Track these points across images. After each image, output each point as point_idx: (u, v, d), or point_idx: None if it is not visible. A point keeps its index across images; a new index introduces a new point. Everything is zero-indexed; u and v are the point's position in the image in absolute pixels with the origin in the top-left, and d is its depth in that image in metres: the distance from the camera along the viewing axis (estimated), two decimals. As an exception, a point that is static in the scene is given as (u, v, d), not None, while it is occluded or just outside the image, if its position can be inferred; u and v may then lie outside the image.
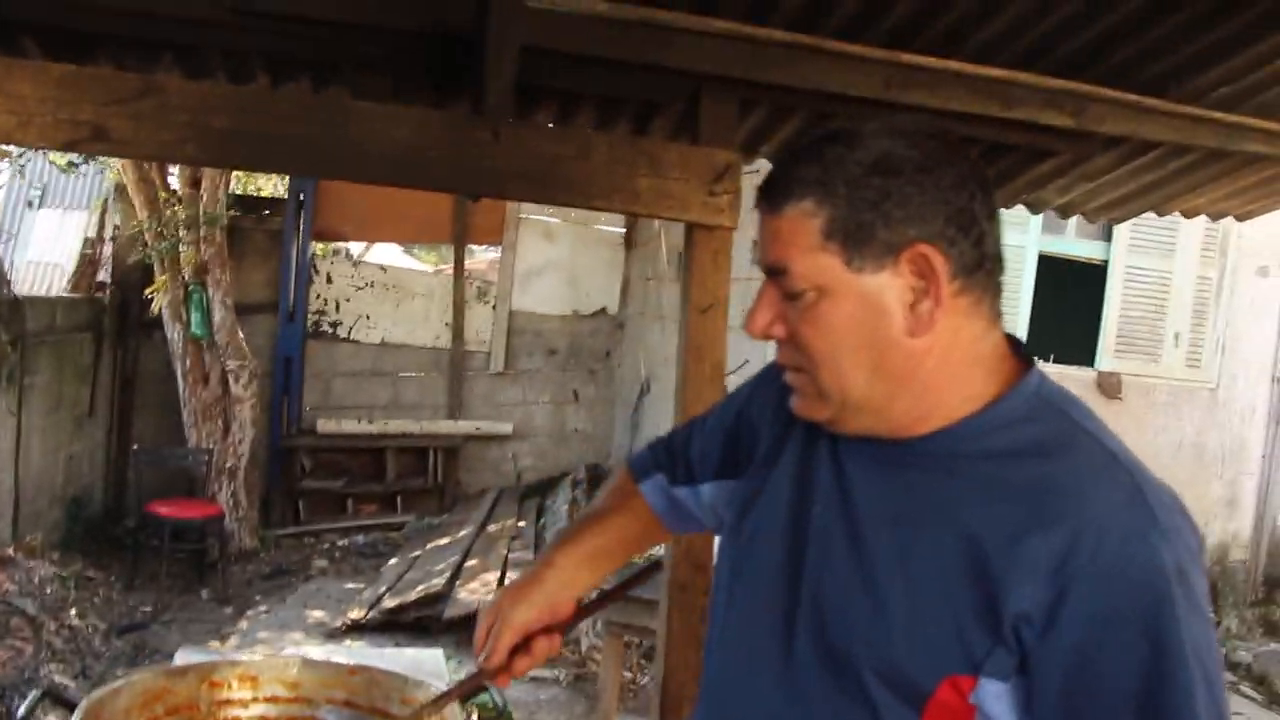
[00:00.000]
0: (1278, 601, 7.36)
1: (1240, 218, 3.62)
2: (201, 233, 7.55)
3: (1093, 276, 6.82)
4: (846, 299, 1.11)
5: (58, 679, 4.99)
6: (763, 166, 2.77)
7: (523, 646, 1.41)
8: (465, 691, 1.60)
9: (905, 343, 1.11)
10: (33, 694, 1.42)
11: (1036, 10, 2.29)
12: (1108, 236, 6.61)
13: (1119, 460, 1.09)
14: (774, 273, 1.14)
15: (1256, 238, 7.02)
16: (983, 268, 1.13)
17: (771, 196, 1.14)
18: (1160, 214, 3.50)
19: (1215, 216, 3.58)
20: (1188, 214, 3.55)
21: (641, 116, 2.75)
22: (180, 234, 7.49)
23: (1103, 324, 6.83)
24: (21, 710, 1.41)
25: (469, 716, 1.63)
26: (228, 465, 7.78)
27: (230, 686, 1.79)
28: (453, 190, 2.25)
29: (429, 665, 2.88)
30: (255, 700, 1.80)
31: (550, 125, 2.66)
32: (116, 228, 8.21)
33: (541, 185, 2.18)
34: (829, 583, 1.16)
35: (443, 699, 1.59)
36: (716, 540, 2.26)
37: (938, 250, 1.09)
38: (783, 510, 1.24)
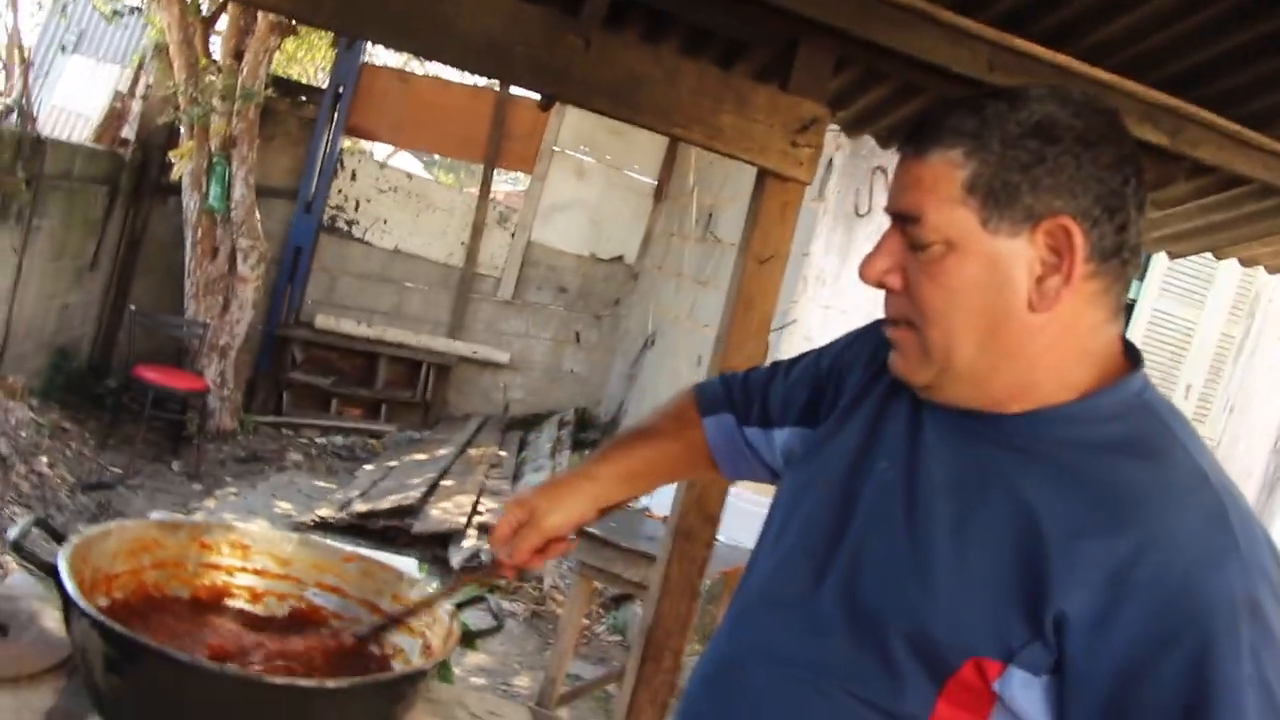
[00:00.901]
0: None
1: (1295, 277, 3.56)
2: (236, 106, 7.43)
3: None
4: (974, 259, 1.07)
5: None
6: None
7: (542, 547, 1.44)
8: (478, 582, 1.65)
9: (1023, 316, 1.07)
10: (25, 519, 1.36)
11: (1155, 21, 2.20)
12: (1142, 277, 6.54)
13: (1210, 480, 1.03)
14: (904, 219, 1.11)
15: (1286, 305, 6.98)
16: (1119, 256, 1.09)
17: (919, 140, 1.10)
18: (1219, 257, 3.43)
19: (1272, 270, 3.51)
20: (1245, 262, 3.48)
21: (727, 55, 2.66)
22: (214, 104, 7.36)
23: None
24: (14, 534, 1.34)
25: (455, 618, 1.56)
26: (221, 342, 7.70)
27: (221, 551, 1.74)
28: (535, 89, 2.17)
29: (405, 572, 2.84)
30: (243, 570, 1.75)
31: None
32: (149, 86, 8.05)
33: (625, 103, 2.09)
34: (876, 538, 1.15)
35: (456, 587, 1.59)
36: (731, 491, 2.20)
37: (1080, 227, 1.05)
38: (847, 459, 1.23)
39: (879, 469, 1.19)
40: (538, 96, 2.69)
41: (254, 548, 1.75)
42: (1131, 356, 1.14)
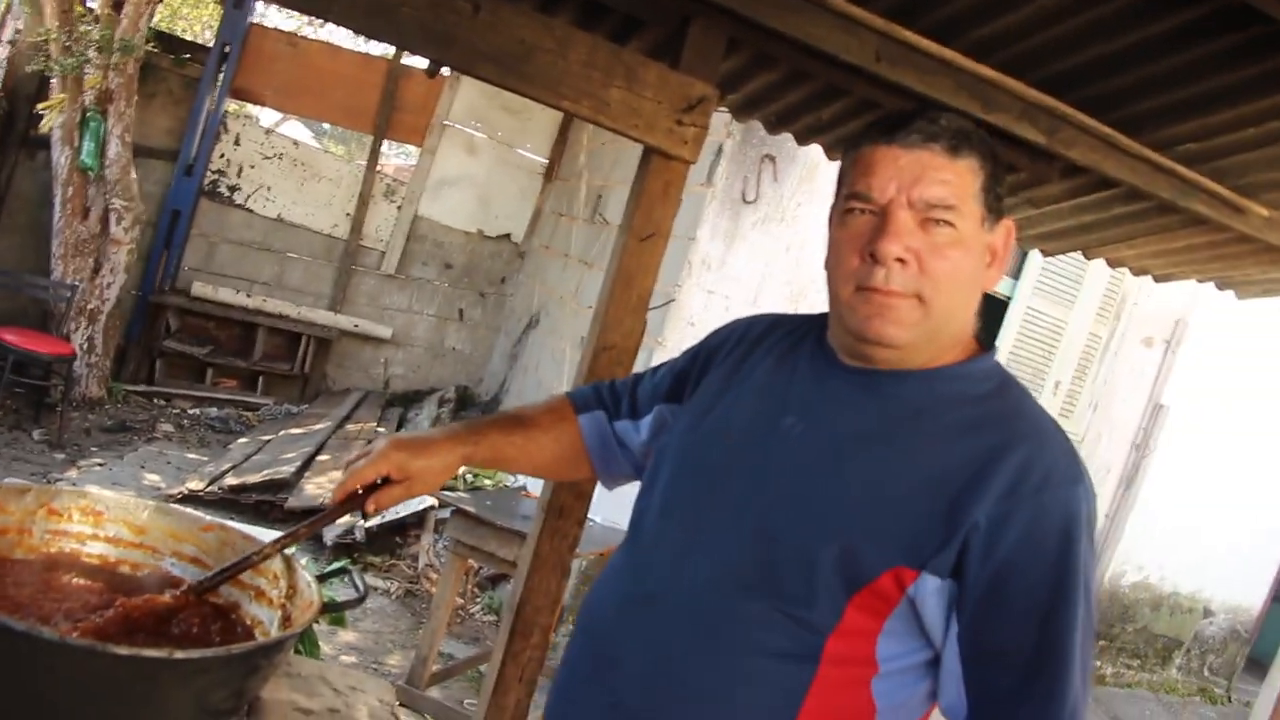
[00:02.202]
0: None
1: (1159, 279, 3.68)
2: (113, 59, 7.11)
3: (996, 309, 6.94)
4: (974, 244, 1.36)
5: None
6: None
7: (377, 490, 1.53)
8: (316, 526, 1.61)
9: (978, 292, 1.40)
10: None
11: (1037, 22, 2.24)
12: (1017, 274, 6.73)
13: (1058, 427, 1.36)
14: (933, 207, 1.32)
15: (1149, 307, 7.25)
16: None
17: (953, 142, 1.33)
18: (1088, 257, 3.53)
19: (1137, 272, 3.62)
20: (1112, 263, 3.59)
21: (621, 31, 2.64)
22: (89, 55, 7.05)
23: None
24: None
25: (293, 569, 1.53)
26: (90, 307, 7.41)
27: (70, 518, 1.67)
28: (420, 53, 2.11)
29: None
30: (95, 538, 1.68)
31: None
32: (18, 31, 7.66)
33: (512, 72, 2.05)
34: (794, 480, 1.35)
35: (295, 533, 1.58)
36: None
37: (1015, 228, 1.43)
38: (747, 418, 1.46)
39: (785, 424, 1.41)
40: (427, 64, 2.63)
41: (107, 515, 1.67)
42: (979, 337, 1.46)
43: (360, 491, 1.53)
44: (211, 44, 8.78)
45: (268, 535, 2.24)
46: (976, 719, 1.28)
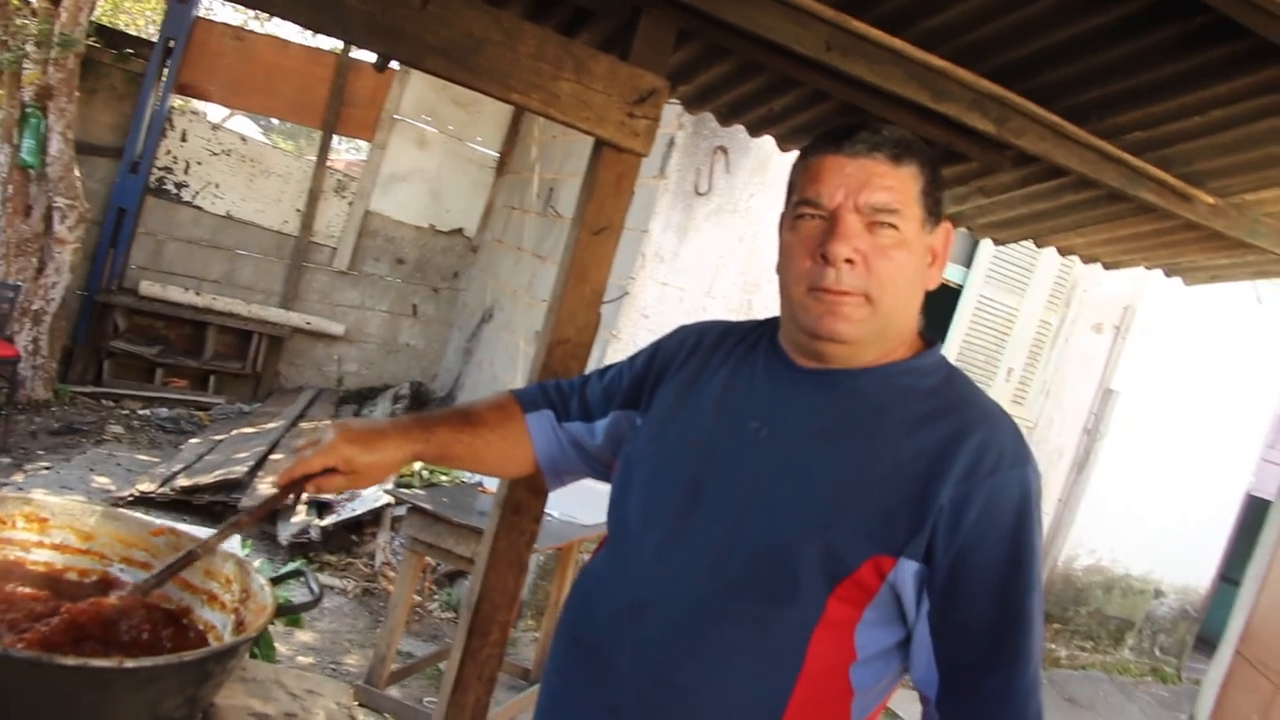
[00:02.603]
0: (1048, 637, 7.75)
1: (1108, 266, 3.72)
2: (53, 54, 6.98)
3: (948, 298, 6.99)
4: (917, 245, 1.45)
5: None
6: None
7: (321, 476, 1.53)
8: (258, 514, 1.59)
9: (921, 290, 1.50)
10: None
11: (986, 12, 2.25)
12: (969, 263, 6.78)
13: (1005, 412, 1.46)
14: (878, 211, 1.41)
15: (1098, 294, 7.34)
16: None
17: (895, 151, 1.43)
18: (1039, 245, 3.56)
19: (1087, 260, 3.66)
20: (1063, 251, 3.62)
21: (571, 23, 2.62)
22: (27, 49, 6.91)
23: (947, 345, 7.02)
24: None
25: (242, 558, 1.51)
26: (34, 307, 7.27)
27: (14, 525, 1.63)
28: (368, 46, 2.07)
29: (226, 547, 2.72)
30: (40, 545, 1.64)
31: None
32: (-47, 27, 7.50)
33: (461, 65, 2.02)
34: (767, 482, 1.42)
35: (237, 522, 1.58)
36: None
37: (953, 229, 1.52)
38: (713, 425, 1.52)
39: (750, 429, 1.48)
40: (375, 58, 2.60)
41: (52, 521, 1.64)
42: (923, 332, 1.55)
43: (305, 479, 1.53)
44: (155, 38, 8.63)
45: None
46: (947, 688, 1.37)
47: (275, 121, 16.42)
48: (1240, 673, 5.71)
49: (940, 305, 7.30)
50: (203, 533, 1.91)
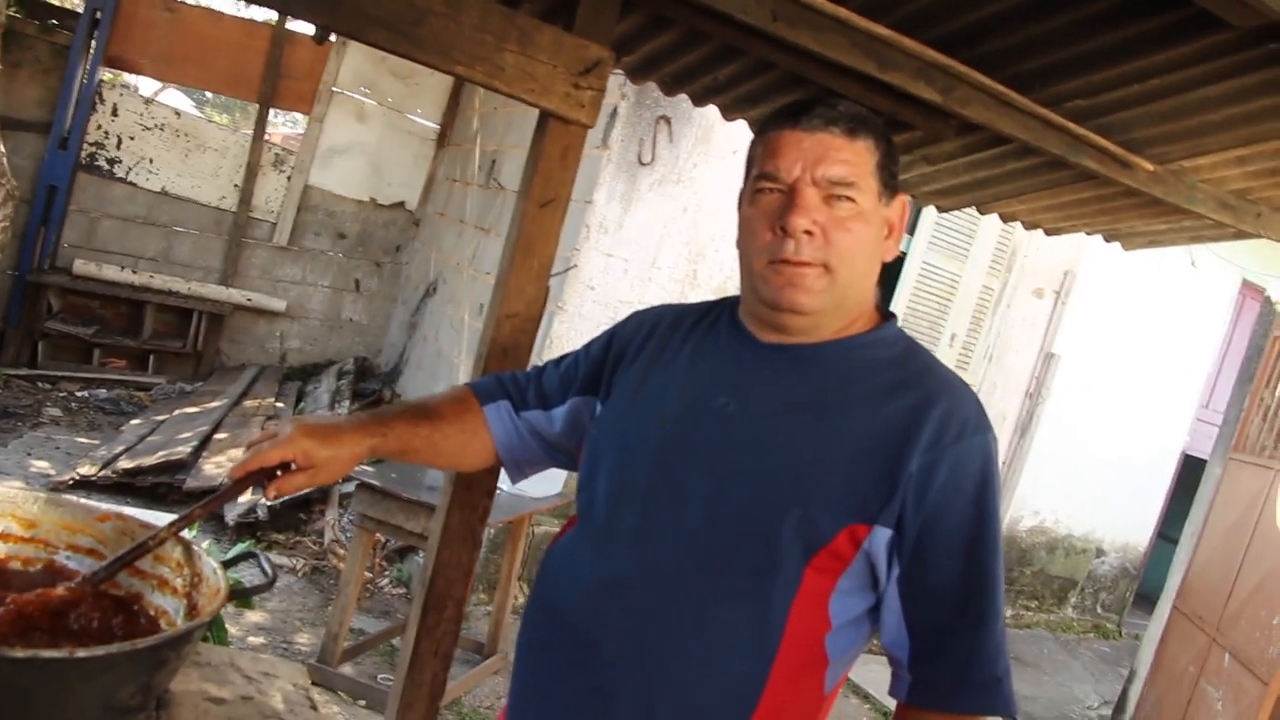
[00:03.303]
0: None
1: (1049, 232, 3.76)
2: (-26, 28, 6.79)
3: (892, 265, 7.05)
4: (873, 218, 1.49)
5: None
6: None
7: (278, 473, 1.50)
8: (212, 506, 1.55)
9: (878, 261, 1.54)
10: None
11: (930, -22, 2.26)
12: (912, 230, 6.83)
13: (963, 381, 1.51)
14: (835, 184, 1.45)
15: (1039, 260, 7.44)
16: None
17: (850, 125, 1.47)
18: (982, 212, 3.58)
19: (1029, 226, 3.70)
20: (1005, 218, 3.66)
21: (513, -6, 2.59)
22: (-51, 24, 6.71)
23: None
24: None
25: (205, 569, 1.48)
26: (-36, 288, 7.09)
27: (-46, 514, 1.59)
28: (307, 18, 2.04)
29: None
30: (-19, 533, 1.60)
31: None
32: None
33: (403, 37, 1.99)
34: (737, 456, 1.45)
35: (191, 517, 1.52)
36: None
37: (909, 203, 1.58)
38: (680, 403, 1.53)
39: (718, 405, 1.50)
40: (313, 29, 2.54)
41: (-8, 509, 1.60)
42: (880, 307, 1.60)
43: (260, 473, 1.50)
44: (81, 9, 8.41)
45: (169, 520, 2.17)
46: (917, 650, 1.42)
47: (209, 95, 16.11)
48: (1178, 627, 5.87)
49: (885, 272, 7.28)
50: (149, 516, 1.89)
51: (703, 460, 1.46)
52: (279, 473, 1.50)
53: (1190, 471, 8.10)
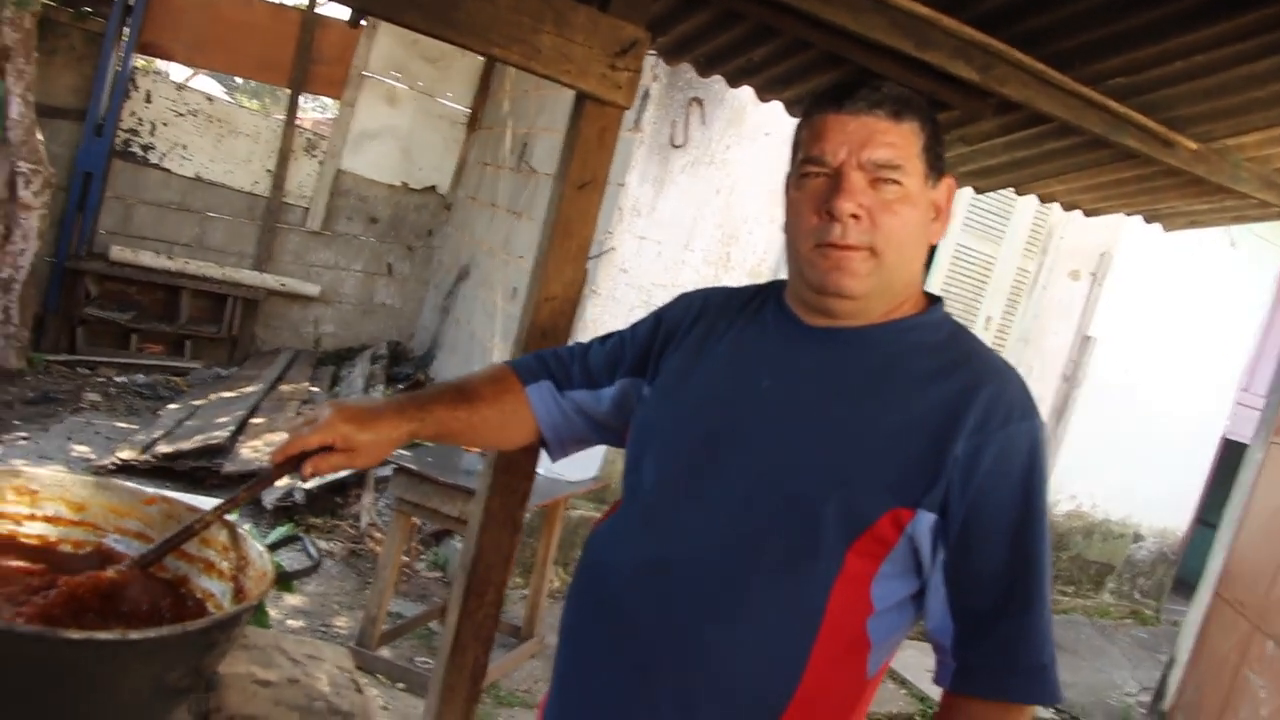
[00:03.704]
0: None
1: (1089, 213, 3.72)
2: (7, 14, 6.82)
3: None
4: (920, 200, 1.48)
5: None
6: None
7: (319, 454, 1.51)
8: (255, 491, 1.58)
9: (925, 245, 1.52)
10: None
11: (969, -44, 2.24)
12: (945, 211, 6.78)
13: (1010, 366, 1.51)
14: (881, 167, 1.45)
15: (1075, 241, 7.36)
16: None
17: (895, 108, 1.46)
18: (1020, 193, 3.55)
19: (1068, 207, 3.65)
20: (1044, 199, 3.62)
21: (548, -25, 2.58)
22: (-17, 12, 6.77)
23: (924, 294, 7.03)
24: None
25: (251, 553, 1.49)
26: (2, 276, 7.15)
27: (4, 498, 1.60)
28: (343, 1, 2.04)
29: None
30: (32, 518, 1.62)
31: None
32: (-94, -10, 7.33)
33: (440, 19, 1.99)
34: (784, 438, 1.45)
35: (235, 498, 1.54)
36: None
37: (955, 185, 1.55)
38: (726, 386, 1.54)
39: (764, 388, 1.50)
40: (346, 14, 2.55)
41: (43, 493, 1.62)
42: (927, 290, 1.60)
43: (301, 457, 1.51)
44: (116, -2, 8.46)
45: (210, 504, 2.19)
46: (962, 636, 1.41)
47: (239, 81, 16.19)
48: (1219, 613, 5.81)
49: (918, 255, 7.28)
50: (193, 499, 1.90)
51: (747, 443, 1.47)
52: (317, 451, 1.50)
53: (1230, 455, 8.01)
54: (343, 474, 5.97)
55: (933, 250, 6.74)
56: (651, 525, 1.52)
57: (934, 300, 1.58)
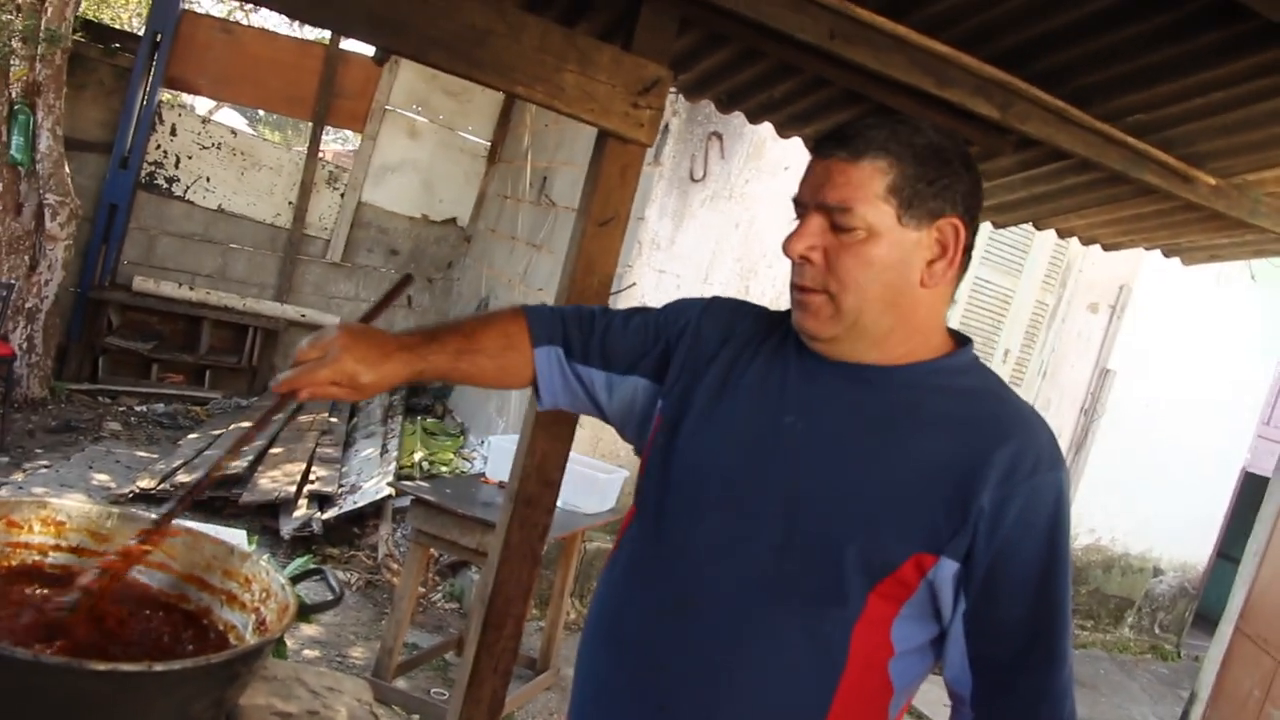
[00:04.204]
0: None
1: (1107, 247, 3.73)
2: (40, 50, 6.93)
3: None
4: (889, 244, 1.41)
5: None
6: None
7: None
8: (271, 415, 1.63)
9: (915, 290, 1.44)
10: None
11: (988, -4, 2.26)
12: (963, 245, 6.78)
13: (1037, 414, 1.47)
14: (832, 209, 1.41)
15: (1094, 274, 7.35)
16: (969, 254, 1.47)
17: (853, 146, 1.41)
18: (1039, 228, 3.56)
19: (1087, 241, 3.66)
20: (1063, 234, 3.63)
21: (570, 12, 2.61)
22: (14, 46, 6.86)
23: (943, 327, 7.02)
24: None
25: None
26: (28, 305, 7.24)
27: (31, 529, 1.62)
28: (369, 41, 2.07)
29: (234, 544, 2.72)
30: (58, 549, 1.64)
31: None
32: (-59, 25, 7.45)
33: (464, 58, 2.02)
34: (807, 478, 1.42)
35: (252, 428, 1.61)
36: (574, 455, 2.23)
37: (964, 226, 1.44)
38: (749, 419, 1.51)
39: (786, 423, 1.47)
40: (370, 51, 2.58)
41: (69, 524, 1.64)
42: (954, 333, 1.54)
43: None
44: (142, 32, 8.58)
45: (232, 535, 2.21)
46: (982, 690, 1.40)
47: (260, 113, 16.37)
48: (1241, 649, 5.75)
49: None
50: (214, 530, 1.91)
51: (770, 480, 1.44)
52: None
53: (1251, 489, 7.95)
54: (360, 505, 5.98)
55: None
56: (674, 563, 1.49)
57: (962, 341, 1.53)
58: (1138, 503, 8.05)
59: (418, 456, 6.88)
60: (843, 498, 1.40)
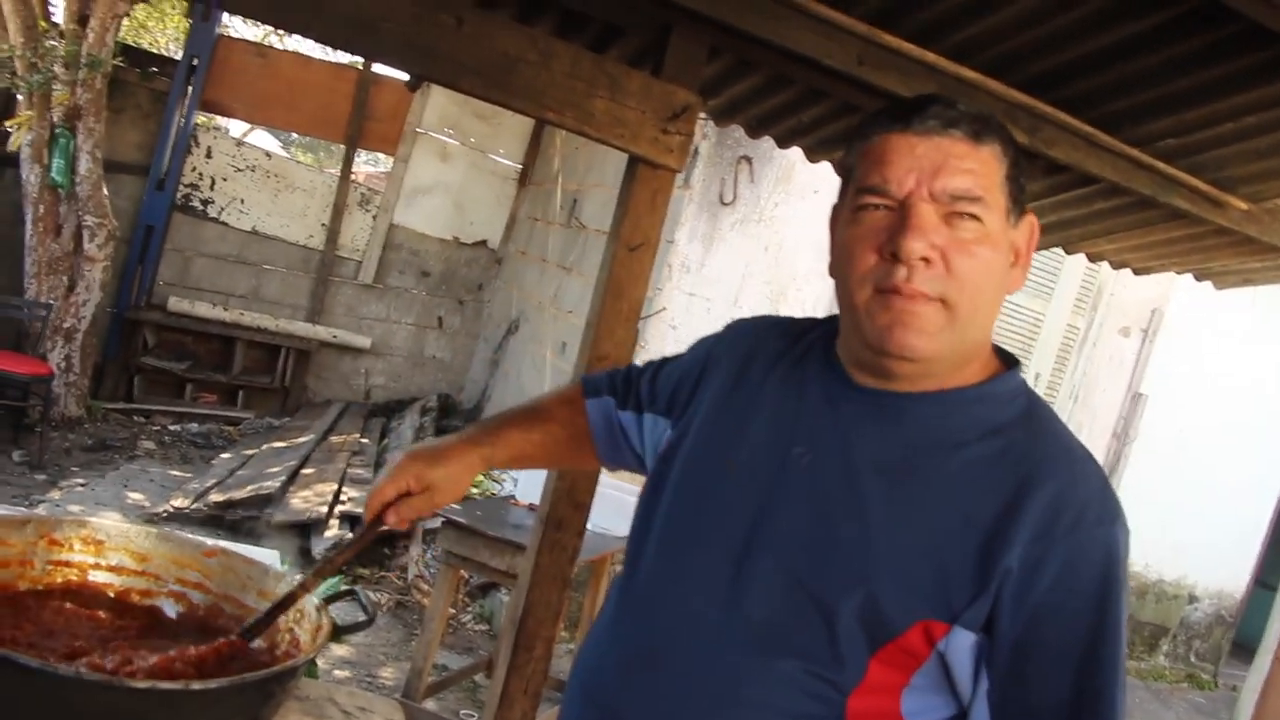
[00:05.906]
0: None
1: (1138, 271, 3.72)
2: (81, 75, 7.05)
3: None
4: (1001, 241, 1.21)
5: None
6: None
7: (400, 502, 1.50)
8: (350, 554, 1.59)
9: (1003, 296, 1.25)
10: None
11: (1017, 23, 2.26)
12: (994, 268, 6.77)
13: (1090, 457, 1.21)
14: (957, 198, 1.18)
15: (1125, 298, 7.31)
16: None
17: (974, 127, 1.20)
18: (1069, 252, 3.56)
19: (1117, 265, 3.66)
20: (1093, 258, 3.62)
21: (601, 39, 2.64)
22: (56, 71, 6.98)
23: (973, 351, 7.00)
24: None
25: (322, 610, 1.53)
26: (65, 325, 7.34)
27: (71, 547, 1.66)
28: (403, 68, 2.11)
29: (268, 565, 2.75)
30: (97, 567, 1.67)
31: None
32: (-17, 50, 7.59)
33: (496, 84, 2.05)
34: (807, 518, 1.22)
35: (333, 560, 1.58)
36: (603, 477, 2.24)
37: (1039, 226, 1.27)
38: (753, 446, 1.30)
39: (794, 454, 1.26)
40: (404, 76, 2.63)
41: (108, 543, 1.67)
42: (999, 351, 1.31)
43: (386, 510, 1.51)
44: (179, 57, 8.72)
45: (265, 555, 2.23)
46: None
47: (293, 135, 16.55)
48: None
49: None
50: (248, 550, 1.94)
51: (764, 518, 1.24)
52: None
53: (1287, 515, 7.86)
54: (428, 515, 6.00)
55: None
56: (646, 605, 1.32)
57: (1010, 363, 1.29)
58: (1172, 529, 7.96)
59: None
60: (844, 545, 1.19)
